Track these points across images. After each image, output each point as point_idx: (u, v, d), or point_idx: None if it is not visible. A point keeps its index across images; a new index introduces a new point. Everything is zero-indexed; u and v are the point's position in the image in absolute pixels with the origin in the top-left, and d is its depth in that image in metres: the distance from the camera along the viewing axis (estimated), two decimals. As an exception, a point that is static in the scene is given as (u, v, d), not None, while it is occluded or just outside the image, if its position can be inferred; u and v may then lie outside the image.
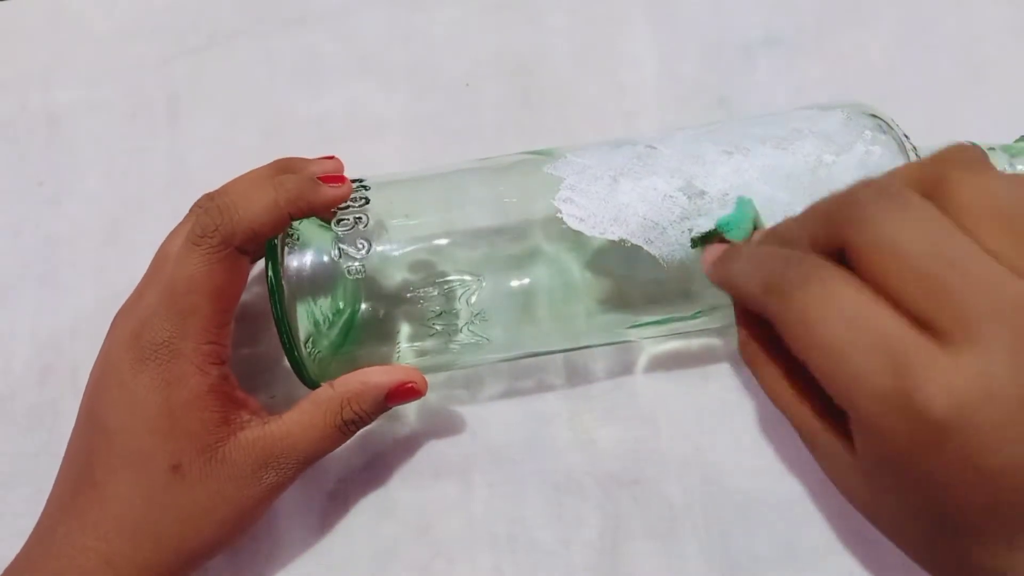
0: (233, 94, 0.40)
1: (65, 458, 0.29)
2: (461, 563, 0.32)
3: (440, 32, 0.40)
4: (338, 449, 0.30)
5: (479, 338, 0.30)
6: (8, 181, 0.39)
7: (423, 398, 0.30)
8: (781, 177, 0.29)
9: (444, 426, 0.34)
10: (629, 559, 0.32)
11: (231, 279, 0.28)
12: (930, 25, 0.39)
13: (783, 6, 0.40)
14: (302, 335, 0.29)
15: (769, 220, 0.28)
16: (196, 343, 0.28)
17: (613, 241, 0.29)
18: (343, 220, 0.30)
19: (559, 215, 0.29)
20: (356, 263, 0.29)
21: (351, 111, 0.39)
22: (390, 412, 0.31)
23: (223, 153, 0.39)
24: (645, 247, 0.29)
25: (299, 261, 0.29)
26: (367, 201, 0.30)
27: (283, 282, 0.29)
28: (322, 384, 0.30)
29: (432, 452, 0.34)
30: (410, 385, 0.30)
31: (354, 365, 0.30)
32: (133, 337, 0.28)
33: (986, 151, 0.31)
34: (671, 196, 0.29)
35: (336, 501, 0.33)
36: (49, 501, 0.29)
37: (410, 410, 0.34)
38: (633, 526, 0.32)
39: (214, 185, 0.38)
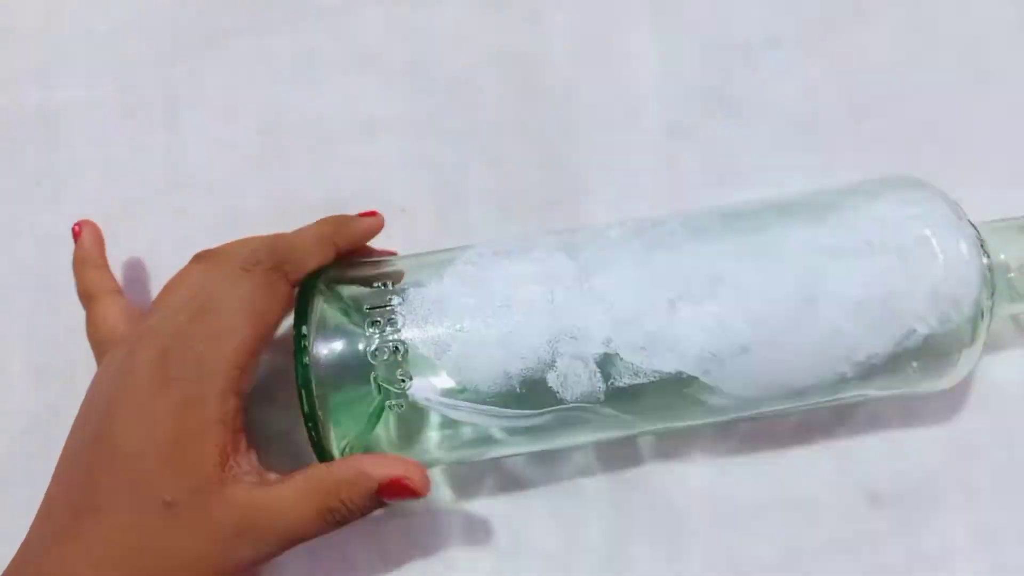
0: (231, 92, 0.40)
1: (62, 472, 0.28)
2: (461, 565, 0.32)
3: (439, 30, 0.40)
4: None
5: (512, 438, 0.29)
6: (6, 180, 0.39)
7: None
8: (851, 304, 0.27)
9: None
10: (630, 562, 0.32)
11: (273, 305, 0.28)
12: (931, 25, 0.39)
13: (784, 6, 0.39)
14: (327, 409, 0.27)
15: (831, 355, 0.27)
16: (226, 366, 0.27)
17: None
18: (375, 319, 0.28)
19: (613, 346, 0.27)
20: (391, 367, 0.27)
21: (350, 109, 0.39)
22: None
23: (221, 152, 0.39)
24: (702, 378, 0.27)
25: (329, 348, 0.27)
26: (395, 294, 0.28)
27: (309, 357, 0.27)
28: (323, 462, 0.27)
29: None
30: (405, 482, 0.26)
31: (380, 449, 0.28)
32: (160, 355, 0.27)
33: (1020, 227, 0.31)
34: (734, 327, 0.27)
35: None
36: (44, 515, 0.27)
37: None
38: (635, 529, 0.32)
39: (213, 184, 0.38)
